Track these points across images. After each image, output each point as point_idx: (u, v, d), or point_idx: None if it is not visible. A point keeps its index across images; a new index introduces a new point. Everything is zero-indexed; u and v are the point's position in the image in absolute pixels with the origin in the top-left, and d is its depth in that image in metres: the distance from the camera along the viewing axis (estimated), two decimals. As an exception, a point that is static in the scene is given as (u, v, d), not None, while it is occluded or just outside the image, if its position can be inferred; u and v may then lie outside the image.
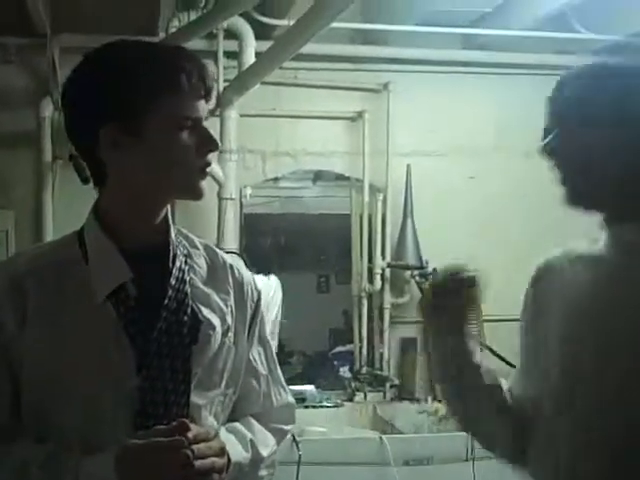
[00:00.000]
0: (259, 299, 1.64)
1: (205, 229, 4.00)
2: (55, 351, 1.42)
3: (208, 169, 1.50)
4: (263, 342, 1.66)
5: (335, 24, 3.00)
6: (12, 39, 4.07)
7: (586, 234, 1.48)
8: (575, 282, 1.41)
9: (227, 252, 1.72)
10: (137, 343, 1.42)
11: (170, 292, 1.46)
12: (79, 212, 1.59)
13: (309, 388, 4.27)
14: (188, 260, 1.53)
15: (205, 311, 1.49)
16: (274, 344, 4.12)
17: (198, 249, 1.58)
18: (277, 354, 1.75)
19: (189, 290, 1.49)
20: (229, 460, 1.44)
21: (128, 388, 1.41)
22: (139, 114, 1.42)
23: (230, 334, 1.54)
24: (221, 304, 1.53)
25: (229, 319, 1.54)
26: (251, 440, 1.55)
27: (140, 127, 1.42)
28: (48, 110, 4.07)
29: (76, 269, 1.47)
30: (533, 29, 4.20)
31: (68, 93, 1.47)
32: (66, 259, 1.49)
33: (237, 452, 1.49)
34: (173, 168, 1.46)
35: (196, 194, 1.50)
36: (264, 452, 1.58)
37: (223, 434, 1.49)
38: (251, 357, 1.62)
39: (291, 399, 1.73)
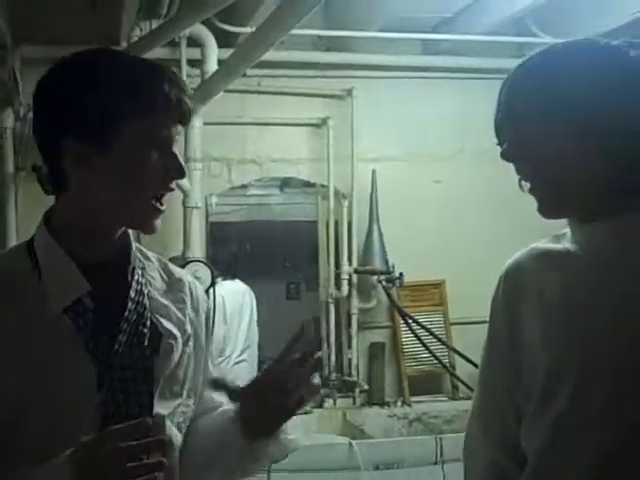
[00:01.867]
0: (209, 312, 1.63)
1: (171, 238, 3.98)
2: (8, 369, 1.35)
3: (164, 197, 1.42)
4: (210, 347, 1.65)
5: (298, 31, 3.02)
6: (-28, 51, 4.04)
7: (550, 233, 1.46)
8: (554, 280, 1.34)
9: (192, 261, 1.70)
10: (98, 357, 1.37)
11: (130, 304, 1.42)
12: None
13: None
14: (144, 273, 1.49)
15: (165, 322, 1.46)
16: (254, 347, 4.19)
17: (152, 262, 1.54)
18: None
19: (147, 302, 1.45)
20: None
21: (90, 404, 1.35)
22: (106, 132, 1.35)
23: (190, 343, 1.51)
24: (179, 314, 1.50)
25: (188, 328, 1.51)
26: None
27: (106, 145, 1.35)
28: (9, 121, 4.05)
29: (26, 282, 1.40)
30: (493, 34, 4.24)
31: (35, 101, 1.41)
32: (15, 271, 1.41)
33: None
34: (131, 191, 1.39)
35: (146, 226, 1.42)
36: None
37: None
38: (209, 366, 1.59)
39: None
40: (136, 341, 1.41)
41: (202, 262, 3.49)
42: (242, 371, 3.96)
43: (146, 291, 1.47)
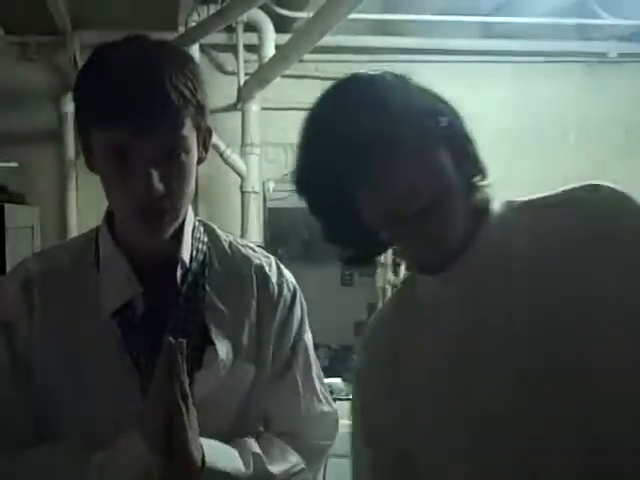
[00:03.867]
0: (293, 301, 1.47)
1: (229, 222, 4.00)
2: (57, 366, 1.33)
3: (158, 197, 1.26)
4: (296, 348, 1.48)
5: (354, 15, 2.98)
6: (33, 37, 4.11)
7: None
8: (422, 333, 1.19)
9: (257, 247, 1.52)
10: (140, 365, 1.32)
11: (177, 312, 1.36)
12: (103, 207, 1.56)
13: (336, 381, 4.26)
14: (206, 271, 1.40)
15: (215, 332, 1.36)
16: None
17: (221, 247, 1.45)
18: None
19: (201, 308, 1.37)
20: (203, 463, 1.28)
21: (131, 412, 1.28)
22: (85, 131, 1.29)
23: (245, 354, 1.39)
24: (237, 321, 1.40)
25: (244, 339, 1.40)
26: (255, 454, 1.38)
27: (89, 145, 1.29)
28: (70, 106, 4.09)
29: (87, 277, 1.37)
30: (553, 15, 4.16)
31: None
32: (80, 264, 1.39)
33: (226, 460, 1.33)
34: (110, 202, 1.32)
35: (142, 234, 1.32)
36: (275, 469, 1.40)
37: (216, 443, 1.33)
38: (279, 368, 1.46)
39: (328, 408, 1.53)
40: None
41: (261, 247, 3.49)
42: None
43: (201, 295, 1.38)
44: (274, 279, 1.46)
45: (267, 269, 1.46)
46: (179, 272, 1.37)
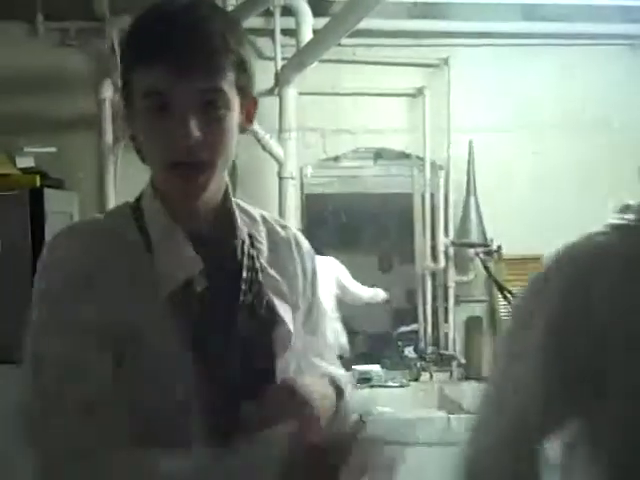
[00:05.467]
0: (314, 264, 1.49)
1: (266, 208, 3.94)
2: (118, 341, 1.24)
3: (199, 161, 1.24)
4: (315, 299, 1.50)
5: (392, -2, 2.94)
6: (72, 23, 4.12)
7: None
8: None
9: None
10: (197, 345, 1.25)
11: (243, 287, 1.31)
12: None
13: (374, 368, 4.24)
14: (254, 241, 1.37)
15: (278, 304, 1.34)
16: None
17: (257, 221, 1.42)
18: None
19: (261, 278, 1.34)
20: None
21: (182, 394, 1.25)
22: (127, 84, 1.27)
23: (298, 316, 1.40)
24: (290, 285, 1.39)
25: (298, 300, 1.41)
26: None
27: (129, 103, 1.28)
28: (108, 92, 4.11)
29: (137, 251, 1.29)
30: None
31: None
32: (123, 241, 1.30)
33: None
34: (147, 158, 1.28)
35: (176, 198, 1.28)
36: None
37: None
38: (312, 323, 1.48)
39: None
40: (249, 332, 1.30)
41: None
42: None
43: (258, 265, 1.35)
44: (304, 249, 1.47)
45: (293, 233, 1.48)
46: (239, 244, 1.34)
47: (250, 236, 1.37)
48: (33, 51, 4.12)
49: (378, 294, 4.39)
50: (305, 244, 1.49)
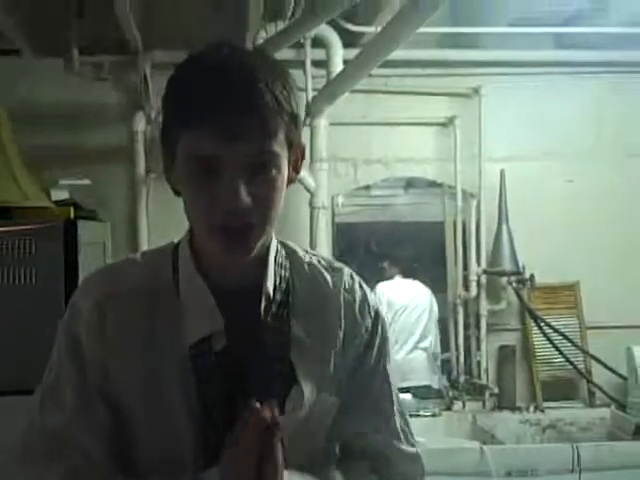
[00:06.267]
0: (376, 322, 1.37)
1: (297, 238, 3.99)
2: (128, 386, 1.25)
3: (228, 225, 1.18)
4: (383, 375, 1.38)
5: (423, 29, 2.94)
6: (106, 57, 4.19)
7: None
8: None
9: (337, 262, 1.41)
10: (207, 408, 1.23)
11: (262, 349, 1.25)
12: (173, 224, 1.53)
13: (405, 397, 4.21)
14: (290, 299, 1.30)
15: (300, 370, 1.27)
16: (428, 352, 4.46)
17: (304, 270, 1.35)
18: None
19: (286, 341, 1.27)
20: None
21: (179, 454, 1.23)
22: (170, 137, 1.22)
23: (329, 385, 1.30)
24: (323, 353, 1.30)
25: (330, 371, 1.30)
26: None
27: (172, 155, 1.22)
28: (141, 124, 4.16)
29: (166, 298, 1.28)
30: (629, 25, 4.06)
31: None
32: (157, 283, 1.29)
33: None
34: (189, 218, 1.23)
35: (224, 254, 1.21)
36: None
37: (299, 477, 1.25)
38: (362, 392, 1.35)
39: (414, 450, 1.41)
40: (264, 393, 1.21)
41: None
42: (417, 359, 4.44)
43: (286, 328, 1.28)
44: (357, 302, 1.36)
45: (350, 292, 1.36)
46: (263, 304, 1.28)
47: (287, 292, 1.31)
48: (69, 86, 4.17)
49: None
50: (369, 303, 1.37)
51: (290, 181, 1.26)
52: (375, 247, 4.83)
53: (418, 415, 4.12)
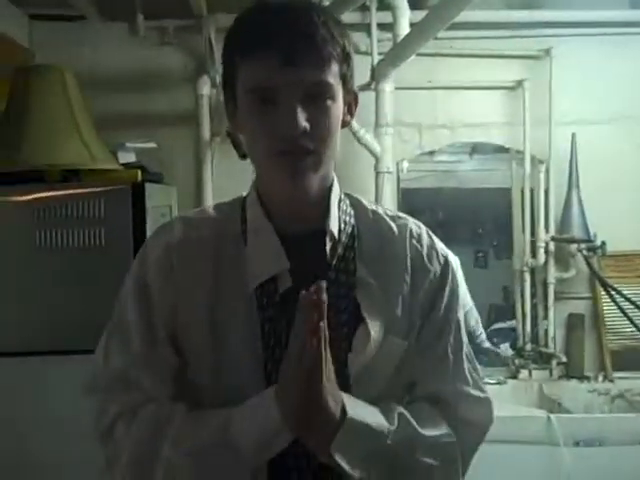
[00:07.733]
0: (445, 271, 1.40)
1: (362, 203, 3.95)
2: (196, 331, 1.31)
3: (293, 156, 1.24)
4: (446, 320, 1.40)
5: (491, -11, 2.87)
6: (171, 21, 4.19)
7: None
8: None
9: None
10: (272, 346, 1.27)
11: (328, 289, 1.22)
12: (238, 187, 1.53)
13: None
14: (355, 243, 1.35)
15: (367, 309, 1.30)
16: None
17: (369, 218, 1.39)
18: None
19: (352, 282, 1.31)
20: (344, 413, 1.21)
21: (250, 392, 1.26)
22: (230, 81, 1.30)
23: (397, 328, 1.33)
24: (389, 295, 1.33)
25: (397, 312, 1.34)
26: (401, 414, 1.31)
27: (235, 96, 1.30)
28: (205, 88, 4.17)
29: (233, 247, 1.34)
30: None
31: None
32: (226, 233, 1.36)
33: (367, 413, 1.26)
34: (250, 151, 1.30)
35: (286, 183, 1.27)
36: (424, 431, 1.31)
37: (356, 399, 1.27)
38: (428, 339, 1.38)
39: (475, 392, 1.43)
40: (330, 332, 1.21)
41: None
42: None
43: (352, 269, 1.32)
44: (425, 249, 1.40)
45: (416, 239, 1.40)
46: (328, 245, 1.32)
47: (352, 236, 1.35)
48: (133, 50, 4.20)
49: None
50: (437, 250, 1.41)
51: (344, 124, 1.33)
52: (439, 213, 4.79)
53: (484, 383, 4.07)
